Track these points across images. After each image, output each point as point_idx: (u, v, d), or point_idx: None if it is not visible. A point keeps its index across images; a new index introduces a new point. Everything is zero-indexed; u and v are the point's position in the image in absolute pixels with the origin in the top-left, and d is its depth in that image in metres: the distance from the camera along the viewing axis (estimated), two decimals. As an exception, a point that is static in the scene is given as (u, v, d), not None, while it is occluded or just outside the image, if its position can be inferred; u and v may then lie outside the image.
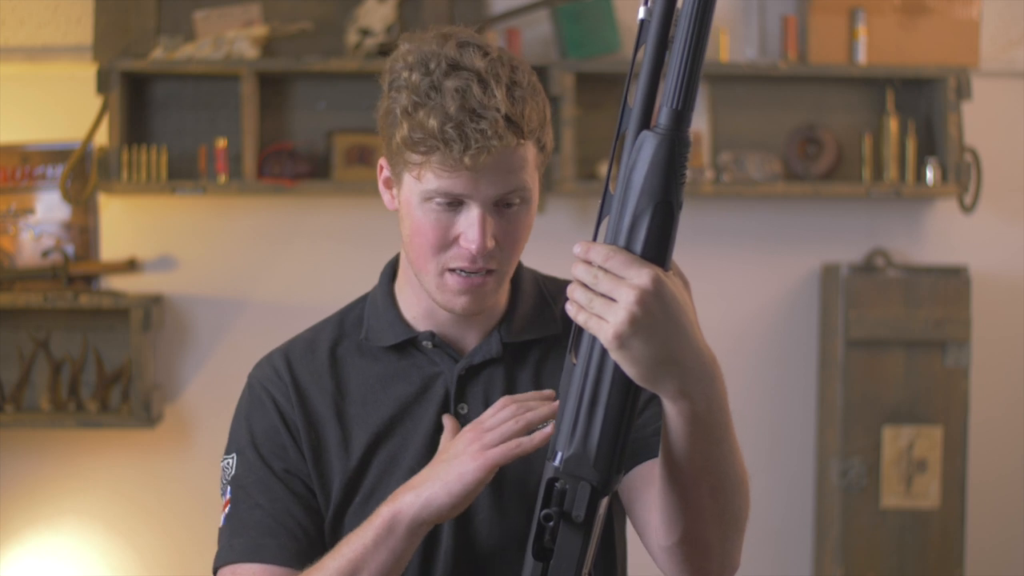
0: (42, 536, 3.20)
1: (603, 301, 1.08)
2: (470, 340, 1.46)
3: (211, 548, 1.44)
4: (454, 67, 1.32)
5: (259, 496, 1.41)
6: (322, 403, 1.44)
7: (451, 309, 1.40)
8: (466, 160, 1.30)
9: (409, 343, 1.46)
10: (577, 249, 1.11)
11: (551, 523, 1.14)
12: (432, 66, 1.32)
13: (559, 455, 1.14)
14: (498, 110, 1.30)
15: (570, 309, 1.11)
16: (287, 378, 1.45)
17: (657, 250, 1.09)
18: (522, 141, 1.33)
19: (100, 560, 3.21)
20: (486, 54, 1.33)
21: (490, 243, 1.35)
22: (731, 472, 1.21)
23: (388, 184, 1.43)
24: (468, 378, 1.44)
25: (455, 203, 1.35)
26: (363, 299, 1.53)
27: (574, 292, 1.10)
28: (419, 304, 1.46)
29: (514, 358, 1.46)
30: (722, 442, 1.17)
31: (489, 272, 1.38)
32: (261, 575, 1.37)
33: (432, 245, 1.37)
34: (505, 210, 1.36)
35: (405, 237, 1.41)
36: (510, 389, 1.44)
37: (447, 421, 1.38)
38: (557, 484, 1.14)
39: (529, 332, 1.47)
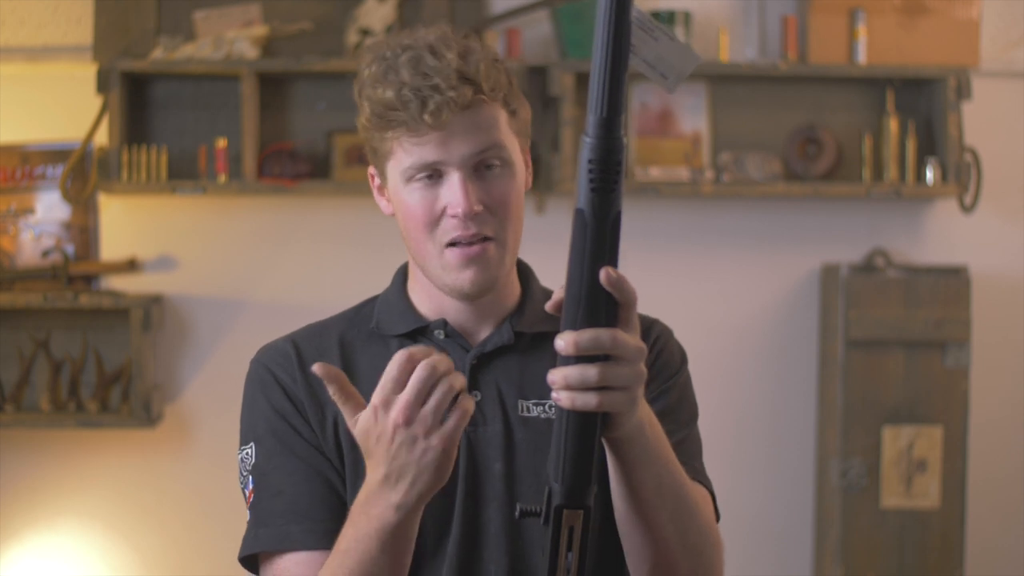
0: (42, 536, 3.20)
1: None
2: (482, 331, 1.45)
3: (212, 548, 1.44)
4: (406, 48, 1.36)
5: (281, 482, 1.39)
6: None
7: (460, 289, 1.38)
8: (427, 118, 1.32)
9: (420, 332, 1.45)
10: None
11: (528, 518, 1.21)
12: (388, 54, 1.36)
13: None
14: (450, 67, 1.33)
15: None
16: (293, 358, 1.44)
17: (572, 260, 1.12)
18: (482, 97, 1.34)
19: (100, 560, 3.21)
20: (438, 33, 1.37)
21: (476, 207, 1.35)
22: (684, 493, 1.29)
23: (380, 191, 1.45)
24: (480, 367, 1.43)
25: (435, 175, 1.36)
26: (373, 298, 1.52)
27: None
28: (430, 300, 1.45)
29: (530, 348, 1.45)
30: (666, 460, 1.26)
31: (486, 239, 1.37)
32: (292, 563, 1.36)
33: (423, 223, 1.37)
34: (486, 172, 1.37)
35: (403, 231, 1.41)
36: (524, 378, 1.43)
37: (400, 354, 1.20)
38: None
39: (542, 325, 1.45)
